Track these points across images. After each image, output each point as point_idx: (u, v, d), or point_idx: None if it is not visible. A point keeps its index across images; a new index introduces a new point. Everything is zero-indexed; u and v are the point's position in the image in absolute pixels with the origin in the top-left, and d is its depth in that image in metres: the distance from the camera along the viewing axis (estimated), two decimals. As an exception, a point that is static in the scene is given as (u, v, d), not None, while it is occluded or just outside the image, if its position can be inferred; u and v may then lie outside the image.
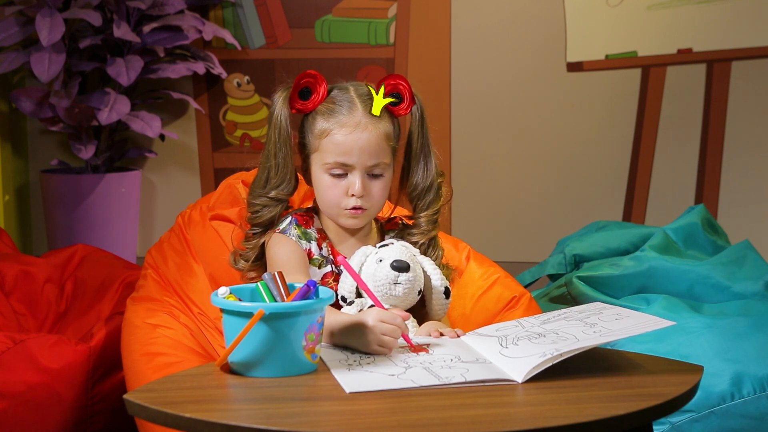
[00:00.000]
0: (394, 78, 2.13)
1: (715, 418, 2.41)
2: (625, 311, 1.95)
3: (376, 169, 2.09)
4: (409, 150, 2.16)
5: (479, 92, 4.15)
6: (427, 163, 2.16)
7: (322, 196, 2.12)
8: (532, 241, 4.13)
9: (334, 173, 2.08)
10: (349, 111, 2.09)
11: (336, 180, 2.09)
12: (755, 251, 2.90)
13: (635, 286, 2.78)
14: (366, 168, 2.08)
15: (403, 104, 2.13)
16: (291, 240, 2.11)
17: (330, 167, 2.08)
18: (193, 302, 2.34)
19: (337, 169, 2.08)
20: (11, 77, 4.09)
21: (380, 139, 2.09)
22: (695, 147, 4.08)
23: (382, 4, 4.16)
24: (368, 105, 2.09)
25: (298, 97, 2.11)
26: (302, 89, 2.11)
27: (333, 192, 2.09)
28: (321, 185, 2.10)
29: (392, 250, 2.05)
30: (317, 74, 2.11)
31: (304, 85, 2.10)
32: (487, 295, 2.40)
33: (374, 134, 2.08)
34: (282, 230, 2.12)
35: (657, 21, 4.04)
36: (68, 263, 2.88)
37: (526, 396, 1.71)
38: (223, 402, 1.73)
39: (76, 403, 2.45)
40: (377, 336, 1.88)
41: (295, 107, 2.11)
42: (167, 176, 4.29)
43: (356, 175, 2.07)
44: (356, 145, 2.07)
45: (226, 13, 4.19)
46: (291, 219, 2.13)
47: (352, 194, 2.08)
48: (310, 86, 2.11)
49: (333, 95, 2.11)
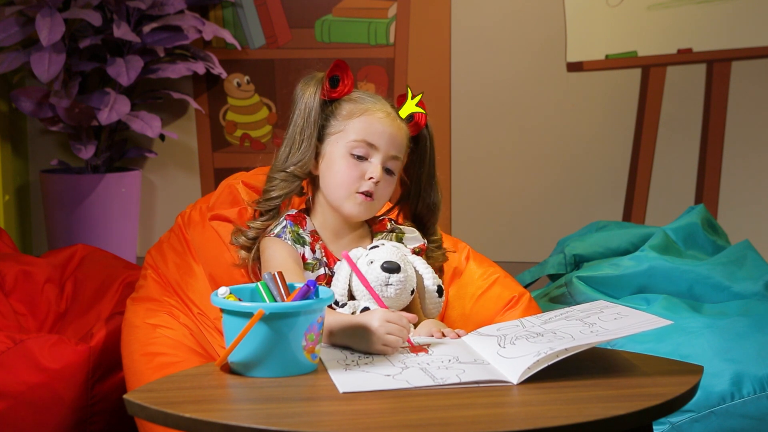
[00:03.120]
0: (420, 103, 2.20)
1: (715, 418, 2.42)
2: (625, 310, 1.95)
3: (393, 162, 2.12)
4: (419, 171, 2.21)
5: (479, 92, 4.15)
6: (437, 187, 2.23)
7: (335, 178, 2.12)
8: (532, 241, 4.13)
9: (356, 153, 2.11)
10: (378, 102, 2.15)
11: (355, 161, 2.11)
12: (755, 251, 2.90)
13: (635, 286, 2.79)
14: (387, 157, 2.11)
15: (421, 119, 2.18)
16: (286, 243, 2.11)
17: (355, 145, 2.11)
18: (193, 302, 2.34)
19: (361, 148, 2.10)
20: (11, 77, 4.09)
21: (404, 136, 2.15)
22: (695, 147, 4.08)
23: (382, 4, 4.16)
24: (393, 106, 2.17)
25: (329, 84, 2.14)
26: (333, 77, 2.14)
27: (351, 173, 2.11)
28: (337, 166, 2.12)
29: (383, 252, 2.06)
30: (347, 66, 2.16)
31: (335, 73, 2.14)
32: (487, 295, 2.40)
33: (401, 129, 2.14)
34: (276, 234, 2.13)
35: (657, 21, 4.04)
36: (68, 263, 2.88)
37: (526, 396, 1.71)
38: (223, 402, 1.73)
39: (76, 404, 2.45)
40: (382, 336, 1.88)
41: (324, 93, 2.14)
42: (167, 176, 4.29)
43: (378, 159, 2.11)
44: (385, 131, 2.11)
45: (226, 13, 4.19)
46: (285, 222, 2.14)
47: (370, 177, 2.09)
48: (340, 76, 2.14)
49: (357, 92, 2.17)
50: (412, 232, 2.23)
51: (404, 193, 2.24)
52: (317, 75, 2.17)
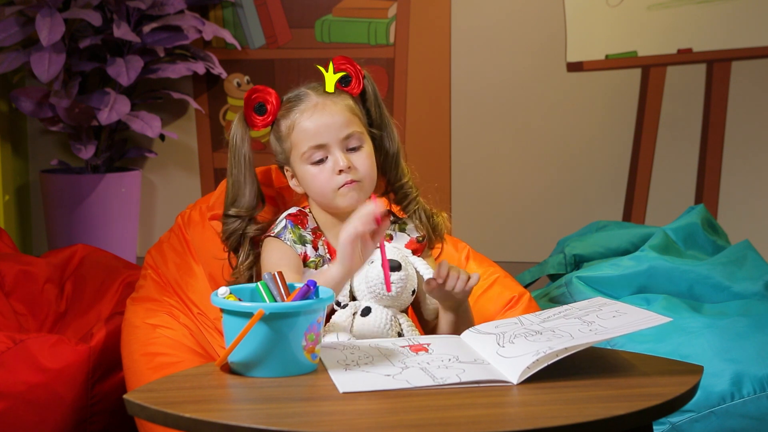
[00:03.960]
0: (341, 59, 2.16)
1: (715, 418, 2.41)
2: (624, 308, 1.95)
3: (352, 140, 2.10)
4: (370, 125, 2.18)
5: (479, 92, 4.15)
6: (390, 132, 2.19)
7: (313, 187, 2.12)
8: (532, 241, 4.13)
9: (314, 160, 2.10)
10: (305, 99, 2.12)
11: (319, 166, 2.10)
12: (755, 251, 2.90)
13: (635, 286, 2.78)
14: (341, 142, 2.09)
15: (354, 82, 2.15)
16: (284, 244, 2.11)
17: (308, 155, 2.10)
18: (193, 302, 2.35)
19: (315, 153, 2.09)
20: (11, 77, 4.09)
21: (344, 111, 2.11)
22: (695, 147, 4.08)
23: (382, 4, 4.16)
24: (320, 90, 2.12)
25: (256, 114, 2.12)
26: (256, 105, 2.12)
27: (320, 177, 2.10)
28: (307, 177, 2.11)
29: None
30: (264, 87, 2.14)
31: (256, 101, 2.12)
32: (487, 295, 2.41)
33: (336, 108, 2.11)
34: (276, 234, 2.13)
35: (657, 21, 4.04)
36: (68, 263, 2.88)
37: (526, 396, 1.71)
38: (223, 402, 1.73)
39: (76, 404, 2.45)
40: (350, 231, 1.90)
41: (256, 125, 2.13)
42: (167, 176, 4.29)
43: (335, 151, 2.09)
44: (322, 123, 2.09)
45: (226, 13, 4.19)
46: (285, 222, 2.14)
47: (339, 170, 2.08)
48: (262, 101, 2.12)
49: (285, 98, 2.15)
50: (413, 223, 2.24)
51: None
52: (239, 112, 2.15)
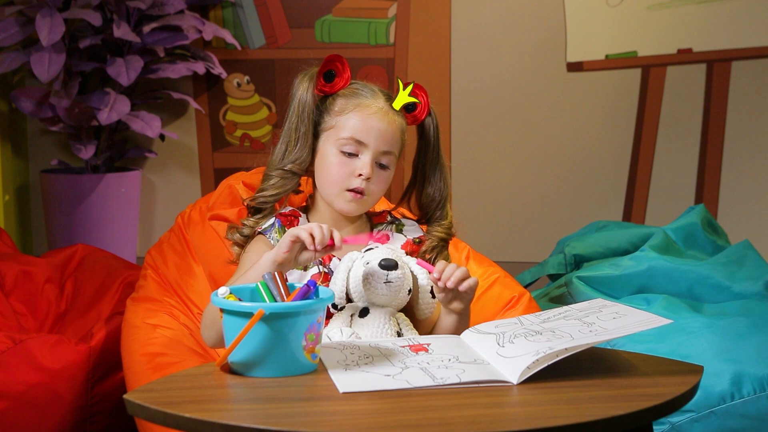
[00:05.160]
0: (418, 86, 2.17)
1: (715, 418, 2.41)
2: (624, 309, 1.95)
3: (386, 158, 2.11)
4: (423, 160, 2.18)
5: (479, 92, 4.15)
6: (443, 175, 2.19)
7: (327, 174, 2.12)
8: (532, 241, 4.13)
9: (346, 150, 2.10)
10: (372, 97, 2.13)
11: (346, 159, 2.10)
12: (755, 251, 2.90)
13: (635, 286, 2.78)
14: (378, 153, 2.10)
15: (421, 109, 2.15)
16: (268, 242, 2.11)
17: (344, 143, 2.09)
18: (193, 302, 2.35)
19: (351, 146, 2.09)
20: (11, 77, 4.09)
21: (396, 130, 2.12)
22: (695, 147, 4.08)
23: (382, 4, 4.16)
24: (389, 99, 2.14)
25: (323, 79, 2.13)
26: (327, 72, 2.13)
27: (341, 170, 2.10)
28: (328, 162, 2.11)
29: (378, 252, 2.06)
30: (343, 59, 2.13)
31: (329, 68, 2.12)
32: (487, 295, 2.41)
33: (393, 124, 2.12)
34: (263, 230, 2.13)
35: (657, 21, 4.04)
36: (68, 263, 2.88)
37: (526, 396, 1.71)
38: (223, 402, 1.73)
39: (76, 403, 2.45)
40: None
41: (318, 88, 2.13)
42: (167, 176, 4.29)
43: (368, 156, 2.09)
44: (375, 127, 2.09)
45: (226, 13, 4.19)
46: (274, 220, 2.14)
47: (360, 174, 2.08)
48: (335, 70, 2.13)
49: (355, 84, 2.15)
50: (412, 224, 2.23)
51: (410, 183, 2.22)
52: (312, 70, 2.16)
